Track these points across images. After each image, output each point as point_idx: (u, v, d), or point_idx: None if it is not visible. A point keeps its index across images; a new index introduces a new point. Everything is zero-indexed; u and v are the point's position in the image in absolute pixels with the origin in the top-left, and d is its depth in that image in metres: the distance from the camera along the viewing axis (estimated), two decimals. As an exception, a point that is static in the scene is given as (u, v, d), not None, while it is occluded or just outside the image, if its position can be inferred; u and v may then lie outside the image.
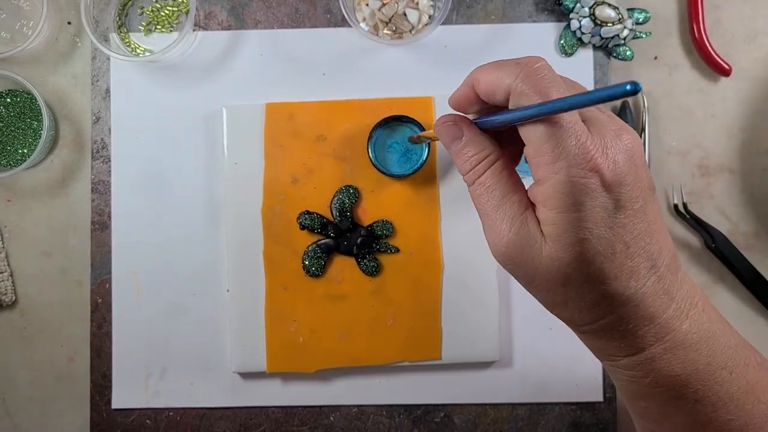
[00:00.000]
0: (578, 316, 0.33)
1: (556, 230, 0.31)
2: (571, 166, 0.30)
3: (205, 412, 0.59)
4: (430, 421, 0.59)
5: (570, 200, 0.31)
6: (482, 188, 0.34)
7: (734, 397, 0.33)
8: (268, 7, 0.60)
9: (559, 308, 0.33)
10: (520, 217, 0.33)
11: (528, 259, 0.32)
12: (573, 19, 0.58)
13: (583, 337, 0.35)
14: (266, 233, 0.58)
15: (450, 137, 0.36)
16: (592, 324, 0.33)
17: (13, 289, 0.60)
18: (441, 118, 0.38)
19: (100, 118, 0.60)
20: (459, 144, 0.36)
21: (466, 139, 0.36)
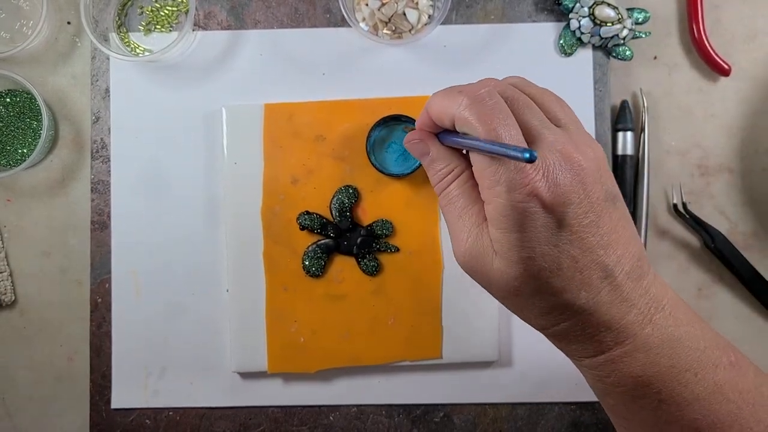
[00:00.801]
0: (535, 321, 0.35)
1: (502, 248, 0.33)
2: (510, 191, 0.32)
3: (204, 412, 0.59)
4: (430, 420, 0.59)
5: (511, 222, 0.32)
6: (446, 199, 0.37)
7: (700, 398, 0.33)
8: (268, 7, 0.60)
9: (518, 313, 0.35)
10: (476, 228, 0.35)
11: (482, 269, 0.34)
12: (572, 18, 0.58)
13: (546, 337, 0.36)
14: (266, 233, 0.58)
15: (418, 153, 0.39)
16: (549, 329, 0.35)
17: (12, 288, 0.60)
18: (409, 135, 0.41)
19: (100, 117, 0.60)
20: (427, 159, 0.39)
21: (432, 155, 0.38)
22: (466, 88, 0.35)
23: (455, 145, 0.37)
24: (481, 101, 0.34)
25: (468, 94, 0.34)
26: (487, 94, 0.34)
